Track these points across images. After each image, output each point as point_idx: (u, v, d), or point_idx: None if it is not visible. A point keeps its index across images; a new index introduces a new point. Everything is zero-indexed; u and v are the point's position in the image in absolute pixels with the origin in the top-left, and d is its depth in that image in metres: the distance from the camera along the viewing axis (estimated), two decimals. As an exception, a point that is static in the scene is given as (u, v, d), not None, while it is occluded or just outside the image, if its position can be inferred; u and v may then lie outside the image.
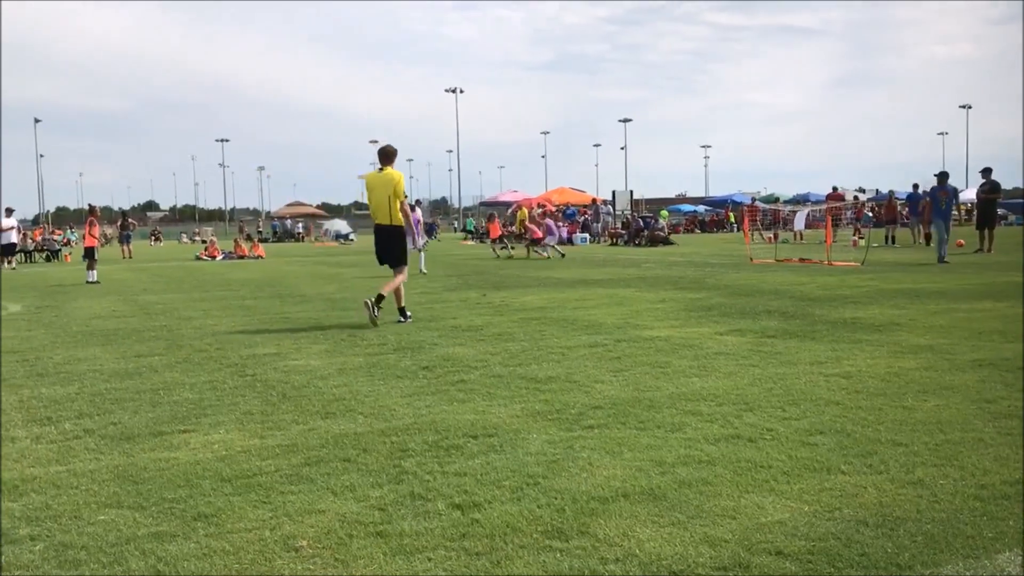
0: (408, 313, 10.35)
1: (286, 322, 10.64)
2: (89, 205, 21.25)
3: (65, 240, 50.09)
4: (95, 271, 20.38)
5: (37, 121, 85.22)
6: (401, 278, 10.26)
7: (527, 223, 27.49)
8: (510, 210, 45.74)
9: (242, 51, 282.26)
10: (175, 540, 3.43)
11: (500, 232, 30.04)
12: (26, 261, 34.85)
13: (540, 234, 26.10)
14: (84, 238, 21.00)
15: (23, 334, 10.20)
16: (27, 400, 6.24)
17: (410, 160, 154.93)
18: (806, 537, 3.30)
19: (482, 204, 54.49)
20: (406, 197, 10.42)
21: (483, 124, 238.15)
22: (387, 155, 10.28)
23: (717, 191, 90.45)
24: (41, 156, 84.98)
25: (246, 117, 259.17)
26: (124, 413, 5.72)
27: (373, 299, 9.91)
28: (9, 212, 29.87)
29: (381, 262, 10.53)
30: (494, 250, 29.15)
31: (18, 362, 8.00)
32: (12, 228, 29.54)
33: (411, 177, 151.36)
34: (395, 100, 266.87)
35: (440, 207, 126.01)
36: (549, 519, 3.57)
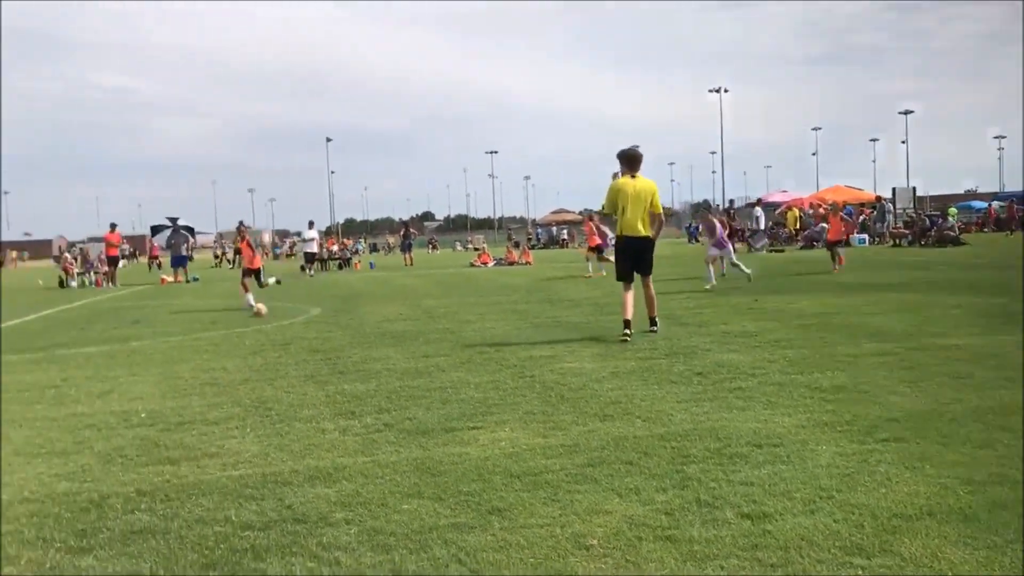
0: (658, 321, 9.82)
1: (558, 325, 10.90)
2: (239, 223, 19.30)
3: (354, 249, 54.39)
4: (250, 294, 16.12)
5: (329, 140, 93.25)
6: (652, 288, 9.87)
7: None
8: (778, 211, 44.15)
9: (506, 64, 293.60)
10: (473, 532, 3.61)
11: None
12: (322, 269, 38.25)
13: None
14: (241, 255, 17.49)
15: (324, 335, 11.18)
16: (332, 395, 6.83)
17: (671, 164, 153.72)
18: None
19: (747, 206, 52.97)
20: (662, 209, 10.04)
21: (749, 123, 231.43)
22: (635, 160, 9.76)
23: (1014, 186, 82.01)
24: (332, 172, 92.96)
25: (513, 129, 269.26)
26: (418, 409, 6.11)
27: (650, 324, 9.67)
28: (311, 224, 33.02)
29: (628, 276, 9.80)
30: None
31: (322, 360, 8.77)
32: (313, 239, 32.64)
33: (672, 181, 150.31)
34: (657, 103, 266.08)
35: (701, 210, 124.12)
36: (847, 534, 3.39)
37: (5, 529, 3.91)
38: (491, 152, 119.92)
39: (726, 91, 79.38)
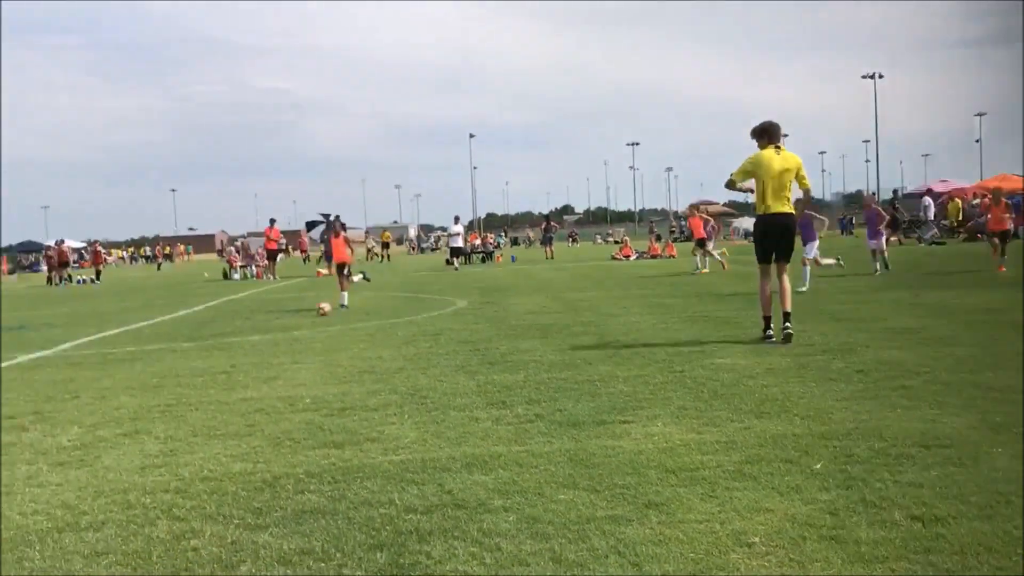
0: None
1: (705, 320, 10.72)
2: (335, 218, 18.08)
3: (496, 243, 55.11)
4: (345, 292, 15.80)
5: (472, 136, 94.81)
6: (788, 276, 8.87)
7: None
8: (939, 200, 41.80)
9: (649, 54, 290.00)
10: (631, 524, 3.61)
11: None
12: (466, 262, 38.96)
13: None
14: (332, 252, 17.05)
15: (471, 327, 11.39)
16: (483, 385, 6.96)
17: (822, 153, 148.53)
18: None
19: (905, 196, 50.43)
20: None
21: (905, 110, 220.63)
22: (775, 130, 8.75)
23: None
24: (475, 168, 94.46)
25: (655, 120, 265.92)
26: (567, 401, 6.15)
27: (784, 320, 8.53)
28: (456, 219, 33.69)
29: (770, 258, 8.82)
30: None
31: (471, 351, 8.95)
32: (459, 234, 33.31)
33: (823, 171, 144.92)
34: (808, 90, 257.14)
35: (855, 201, 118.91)
36: (1030, 543, 3.21)
37: (189, 504, 4.19)
38: (632, 144, 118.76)
39: (880, 77, 76.01)
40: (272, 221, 32.84)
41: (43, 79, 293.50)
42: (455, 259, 32.89)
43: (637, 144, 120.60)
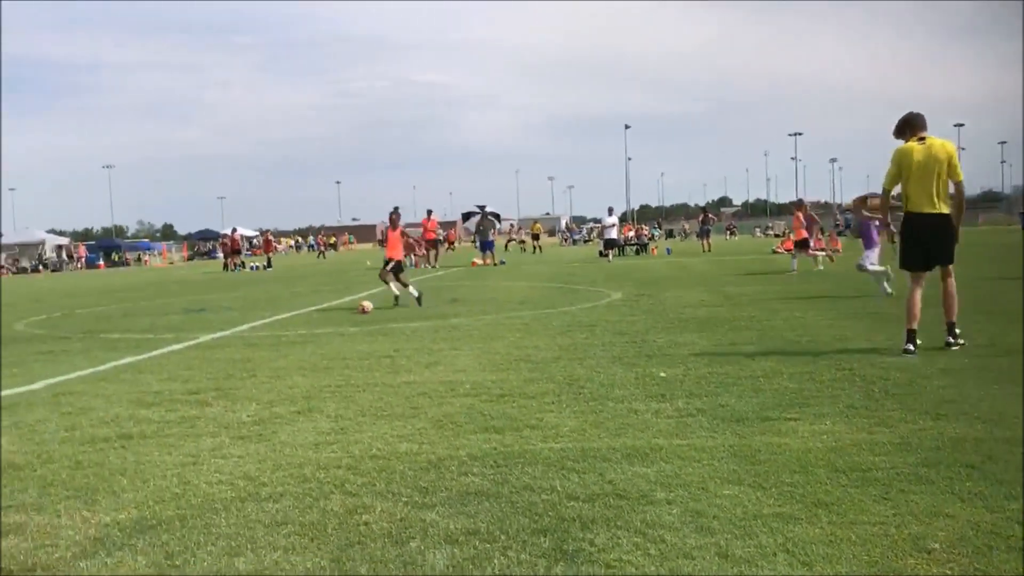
0: (957, 331, 7.77)
1: (874, 317, 10.26)
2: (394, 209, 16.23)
3: (650, 235, 54.51)
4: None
5: (627, 127, 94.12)
6: (953, 282, 7.81)
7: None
8: None
9: (809, 42, 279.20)
10: (799, 523, 3.51)
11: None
12: (619, 254, 38.73)
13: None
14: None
15: (627, 319, 11.33)
16: (641, 377, 6.92)
17: (1002, 143, 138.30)
18: None
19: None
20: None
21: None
22: (918, 123, 7.80)
23: None
24: (629, 159, 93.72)
25: (820, 109, 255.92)
26: (729, 396, 6.03)
27: (947, 333, 7.74)
28: (611, 211, 33.56)
29: (925, 265, 7.82)
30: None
31: (628, 343, 8.90)
32: (614, 225, 33.18)
33: (1003, 162, 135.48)
34: (982, 77, 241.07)
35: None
36: None
37: (360, 481, 4.37)
38: (795, 134, 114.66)
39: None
40: (429, 212, 33.72)
41: (221, 78, 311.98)
42: (609, 251, 32.74)
43: (800, 134, 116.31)
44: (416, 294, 14.68)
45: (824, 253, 21.89)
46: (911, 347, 7.48)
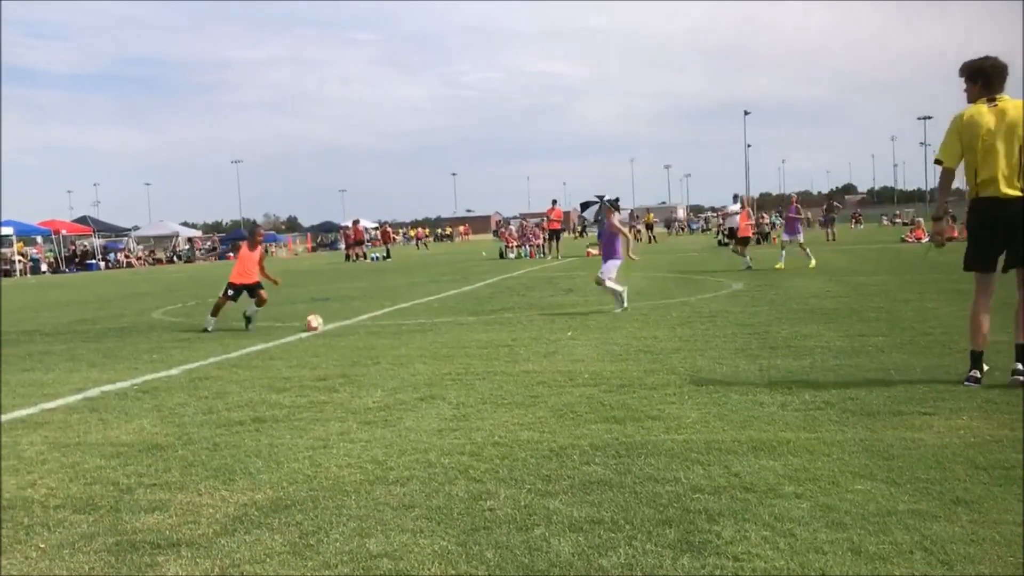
0: None
1: (1009, 308, 9.71)
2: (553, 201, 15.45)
3: (770, 224, 53.13)
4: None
5: (746, 113, 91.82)
6: None
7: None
8: None
9: (941, 21, 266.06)
10: (937, 521, 3.37)
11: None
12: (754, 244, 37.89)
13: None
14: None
15: (749, 309, 11.10)
16: (766, 369, 6.77)
17: None
18: None
19: None
20: None
21: None
22: (994, 74, 5.93)
23: None
24: (748, 146, 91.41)
25: (951, 91, 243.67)
26: (859, 389, 5.83)
27: (1016, 358, 5.88)
28: (735, 198, 32.82)
29: (990, 263, 6.02)
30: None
31: (751, 335, 8.72)
32: (736, 213, 32.45)
33: None
34: None
35: None
36: None
37: (483, 467, 4.43)
38: (924, 118, 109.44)
39: None
40: (554, 202, 33.71)
41: (342, 73, 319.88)
42: (736, 243, 32.05)
43: (930, 118, 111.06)
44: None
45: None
46: (977, 374, 5.88)
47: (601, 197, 26.82)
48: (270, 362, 8.38)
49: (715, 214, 65.18)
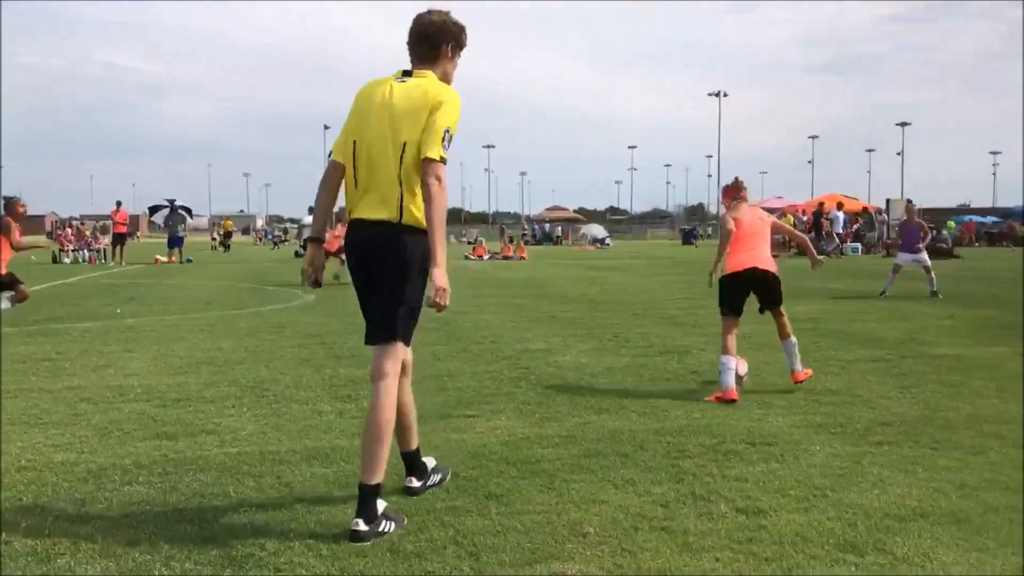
0: None
1: (553, 321, 10.93)
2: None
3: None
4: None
5: (327, 128, 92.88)
6: None
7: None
8: (776, 214, 43.85)
9: (514, 63, 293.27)
10: (470, 515, 3.64)
11: None
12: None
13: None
14: None
15: (319, 320, 11.16)
16: (329, 379, 6.85)
17: (667, 166, 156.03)
18: None
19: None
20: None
21: (747, 128, 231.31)
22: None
23: (1007, 202, 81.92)
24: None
25: (508, 125, 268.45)
26: (415, 396, 6.11)
27: None
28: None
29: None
30: None
31: (318, 345, 8.78)
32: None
33: (668, 183, 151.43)
34: (660, 106, 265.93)
35: (696, 213, 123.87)
36: (841, 532, 3.44)
37: (3, 496, 3.92)
38: (488, 146, 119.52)
39: (726, 95, 79.46)
40: (118, 203, 30.94)
41: None
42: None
43: (493, 147, 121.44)
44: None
45: None
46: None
47: (171, 201, 25.30)
48: None
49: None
